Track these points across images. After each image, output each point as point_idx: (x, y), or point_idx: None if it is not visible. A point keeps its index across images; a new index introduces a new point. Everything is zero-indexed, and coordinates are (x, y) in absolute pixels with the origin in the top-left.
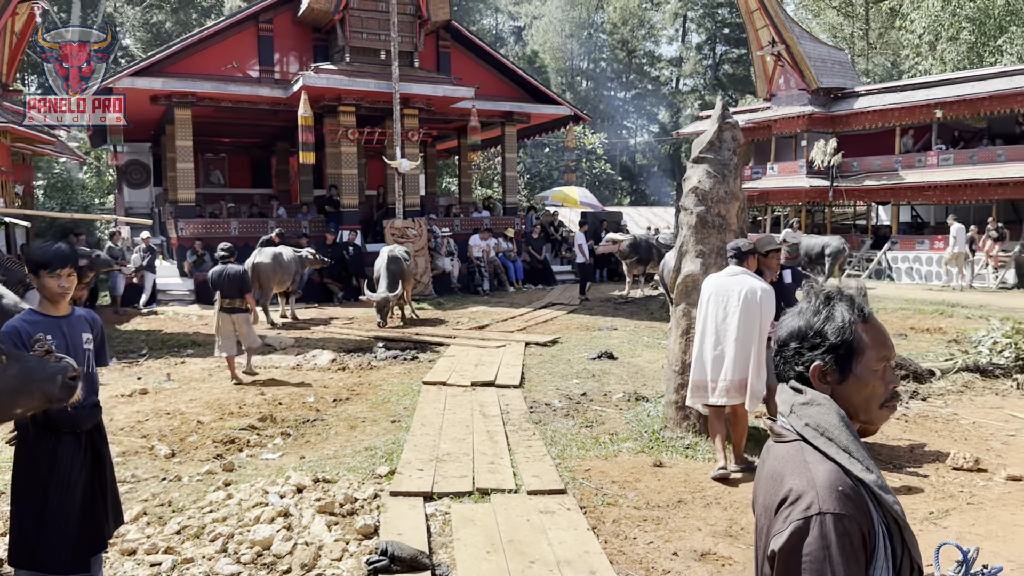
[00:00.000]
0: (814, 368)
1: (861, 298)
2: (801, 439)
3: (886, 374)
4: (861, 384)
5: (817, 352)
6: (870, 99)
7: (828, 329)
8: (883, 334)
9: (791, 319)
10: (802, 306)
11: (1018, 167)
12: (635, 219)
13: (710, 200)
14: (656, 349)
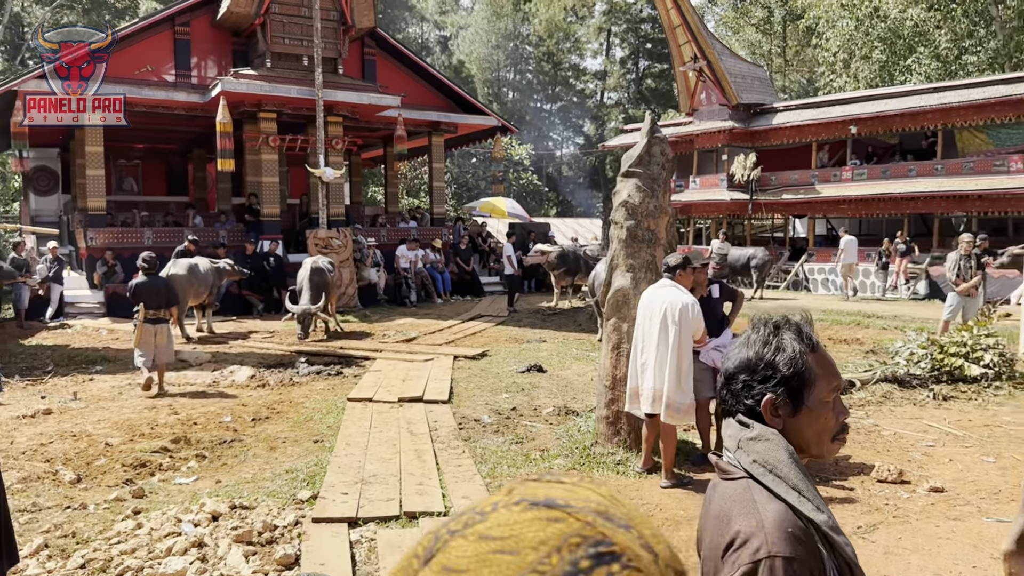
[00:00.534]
0: (766, 402)
1: (808, 326)
2: (749, 476)
3: (836, 405)
4: (813, 417)
5: (768, 385)
6: (788, 115)
7: (779, 360)
8: (832, 364)
9: (739, 350)
10: (749, 336)
11: (927, 182)
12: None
13: (640, 214)
14: (585, 361)
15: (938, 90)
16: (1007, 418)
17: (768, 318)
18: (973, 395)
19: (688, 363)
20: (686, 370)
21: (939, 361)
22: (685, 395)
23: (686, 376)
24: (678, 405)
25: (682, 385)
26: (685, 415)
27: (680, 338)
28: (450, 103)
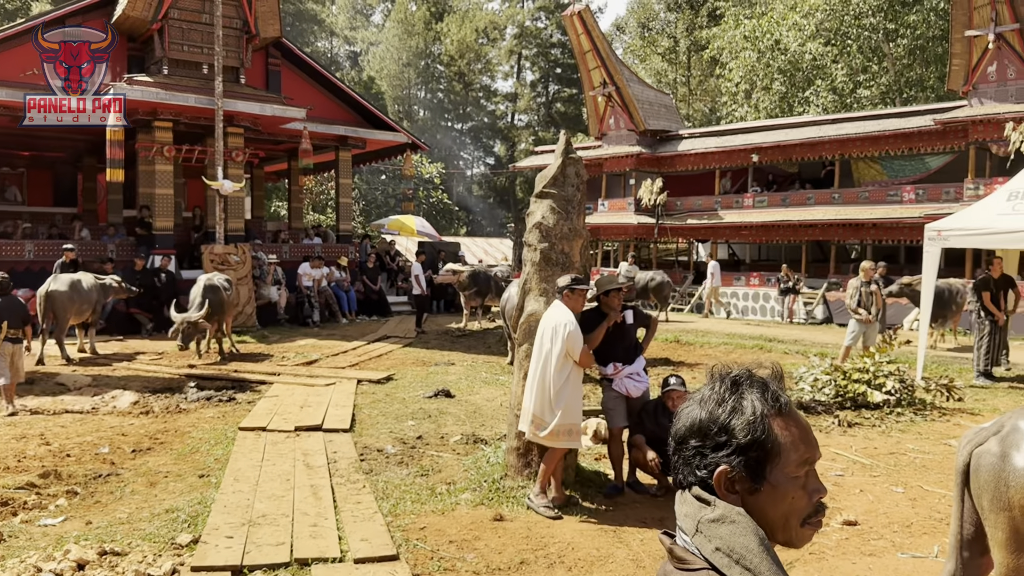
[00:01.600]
0: (719, 474)
1: (776, 383)
2: (711, 568)
3: (809, 481)
4: (778, 495)
5: (723, 454)
6: (693, 142)
7: (736, 424)
8: (805, 430)
9: (691, 409)
10: (704, 393)
11: (825, 210)
12: (472, 250)
13: (554, 236)
14: (494, 385)
15: (836, 121)
16: (911, 445)
17: (727, 371)
18: (877, 421)
19: (559, 382)
20: (556, 389)
21: (843, 387)
22: (555, 415)
23: (557, 395)
24: (550, 425)
25: (552, 405)
26: (559, 437)
27: (551, 357)
28: (359, 118)
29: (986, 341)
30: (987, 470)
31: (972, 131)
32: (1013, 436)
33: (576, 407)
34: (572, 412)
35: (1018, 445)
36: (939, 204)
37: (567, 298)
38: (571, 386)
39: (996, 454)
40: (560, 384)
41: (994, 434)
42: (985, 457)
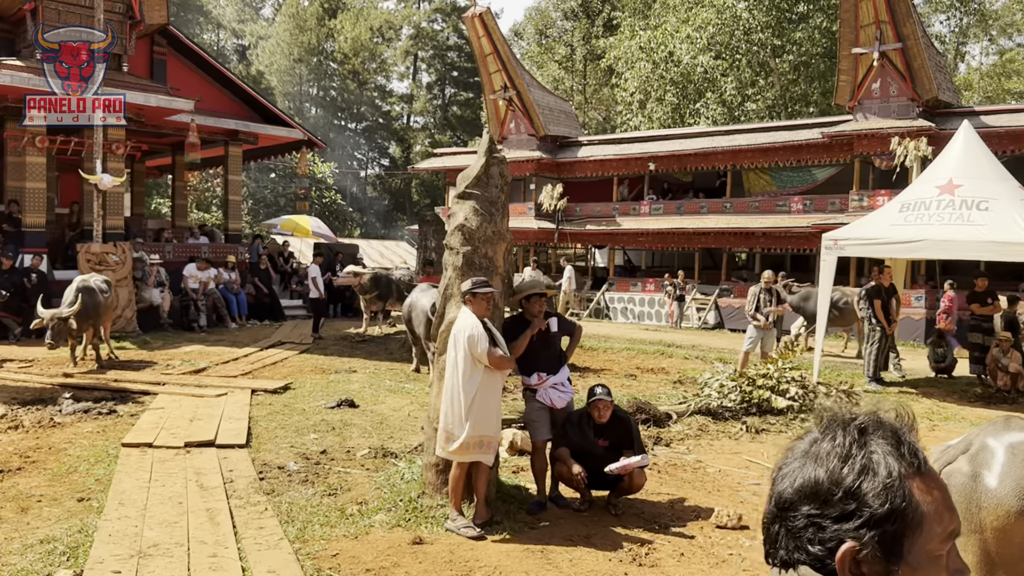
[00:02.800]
0: (845, 552)
1: (909, 432)
2: None
3: (951, 560)
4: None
5: (849, 526)
6: (592, 149)
7: (868, 488)
8: (945, 492)
9: (801, 465)
10: (819, 444)
11: (718, 219)
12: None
13: (477, 240)
14: (400, 394)
15: (729, 133)
16: None
17: (847, 417)
18: (782, 427)
19: (470, 391)
20: (466, 399)
21: (748, 393)
22: (464, 426)
23: (467, 405)
24: (455, 437)
25: (462, 416)
26: (469, 450)
27: (458, 364)
28: (251, 112)
29: (876, 347)
30: (957, 491)
31: (857, 145)
32: (983, 455)
33: (488, 417)
34: (484, 423)
35: (988, 464)
36: (825, 215)
37: (469, 303)
38: (483, 395)
39: (967, 474)
40: (471, 393)
41: (963, 452)
42: (955, 477)
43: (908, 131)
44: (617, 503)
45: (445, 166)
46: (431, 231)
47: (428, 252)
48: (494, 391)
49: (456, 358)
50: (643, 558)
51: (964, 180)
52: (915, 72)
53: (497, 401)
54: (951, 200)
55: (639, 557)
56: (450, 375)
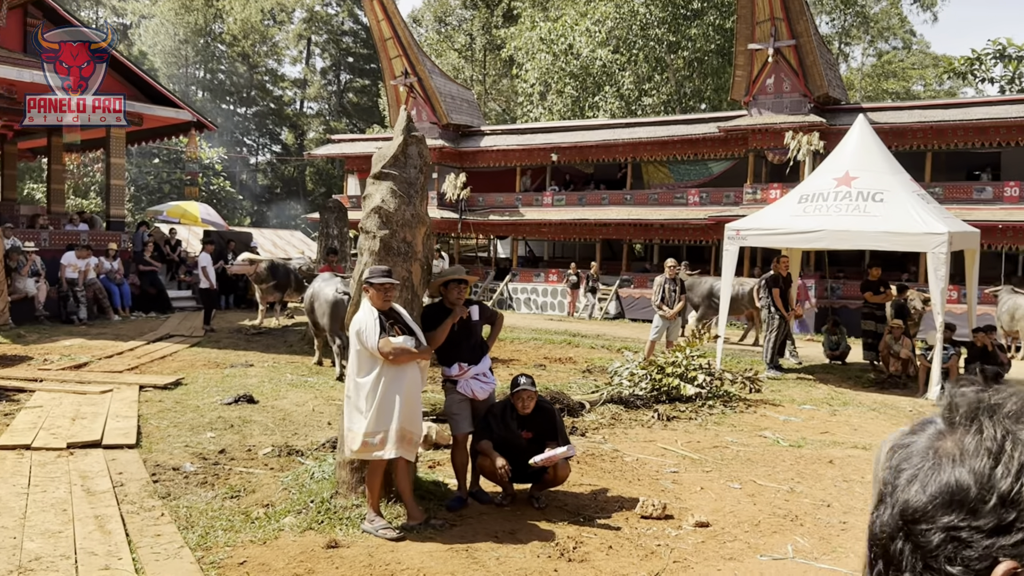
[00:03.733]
0: (1004, 574)
1: None
2: None
3: None
4: None
5: (1006, 541)
6: (495, 139)
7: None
8: None
9: (932, 465)
10: (957, 441)
11: (618, 210)
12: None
13: (395, 223)
14: (303, 388)
15: (629, 125)
16: (729, 438)
17: (991, 402)
18: (692, 414)
19: (367, 385)
20: (366, 393)
21: (658, 381)
22: (363, 422)
23: (368, 400)
24: (356, 434)
25: (363, 411)
26: (373, 447)
27: (355, 358)
28: (135, 91)
29: (775, 335)
30: None
31: (752, 139)
32: None
33: (392, 408)
34: (387, 415)
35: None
36: (721, 207)
37: (366, 292)
38: (388, 389)
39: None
40: (369, 387)
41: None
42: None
43: (800, 126)
44: (540, 496)
45: (343, 153)
46: (333, 218)
47: (331, 240)
48: (405, 384)
49: (355, 351)
50: (571, 552)
51: (860, 172)
52: (807, 69)
53: (413, 394)
54: (848, 192)
55: (567, 551)
56: (352, 370)
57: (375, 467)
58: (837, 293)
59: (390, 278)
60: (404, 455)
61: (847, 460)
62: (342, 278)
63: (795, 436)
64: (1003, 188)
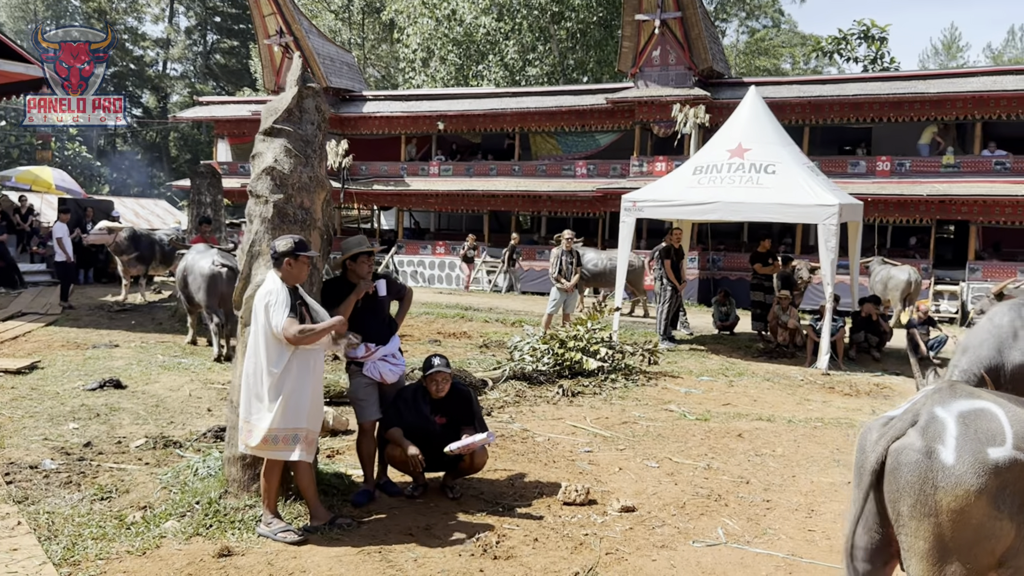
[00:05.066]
0: None
1: None
2: None
3: None
4: None
5: None
6: (378, 105)
7: None
8: None
9: None
10: None
11: (507, 181)
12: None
13: (291, 186)
14: (177, 371)
15: (516, 95)
16: (636, 412)
17: None
18: (596, 389)
19: (271, 371)
20: (272, 382)
21: (560, 356)
22: (269, 415)
23: (272, 389)
24: (255, 428)
25: (267, 402)
26: (277, 445)
27: (259, 340)
28: None
29: (667, 307)
30: (910, 470)
31: (638, 111)
32: (934, 427)
33: (302, 405)
34: (297, 412)
35: (942, 438)
36: (608, 179)
37: (288, 267)
38: (296, 377)
39: (920, 450)
40: (276, 375)
41: (911, 425)
42: (907, 454)
43: (686, 99)
44: (455, 485)
45: (213, 116)
46: (205, 185)
47: (203, 209)
48: (311, 372)
49: (257, 332)
50: (495, 548)
51: (752, 144)
52: (692, 42)
53: (316, 384)
54: (741, 163)
55: (491, 547)
56: (251, 353)
57: (273, 463)
58: (718, 264)
59: (309, 251)
60: (306, 458)
61: (755, 433)
62: (219, 250)
63: (700, 409)
64: (876, 163)
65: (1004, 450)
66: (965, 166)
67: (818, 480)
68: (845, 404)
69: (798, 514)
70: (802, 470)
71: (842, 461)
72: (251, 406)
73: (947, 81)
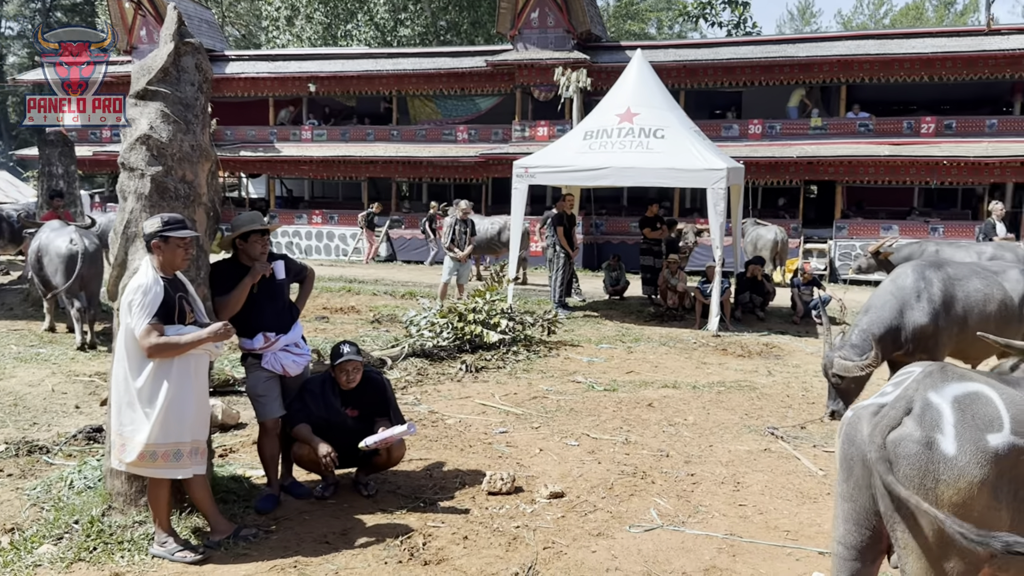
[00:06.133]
0: None
1: None
2: None
3: None
4: None
5: None
6: (242, 65)
7: None
8: None
9: None
10: None
11: (385, 147)
12: None
13: (170, 157)
14: (35, 363)
15: (393, 56)
16: (544, 386)
17: None
18: (499, 362)
19: (147, 375)
20: (142, 387)
21: (460, 330)
22: (145, 427)
23: (145, 396)
24: (129, 442)
25: (143, 410)
26: (156, 461)
27: (127, 339)
28: None
29: (560, 274)
30: (910, 463)
31: (518, 75)
32: (930, 415)
33: (184, 416)
34: (178, 424)
35: (940, 427)
36: (490, 144)
37: (157, 250)
38: (174, 383)
39: (919, 441)
40: (148, 382)
41: (906, 413)
42: (905, 446)
43: (566, 62)
44: (369, 482)
45: (57, 78)
46: (56, 155)
47: (54, 181)
48: (193, 376)
49: (123, 334)
50: (423, 550)
51: (641, 109)
52: (571, 4)
53: (201, 390)
54: (631, 128)
55: (418, 550)
56: (119, 356)
57: (160, 486)
58: (601, 229)
59: (190, 230)
60: (198, 471)
61: (664, 402)
62: (76, 227)
63: (606, 379)
64: (748, 126)
65: (1003, 436)
66: (831, 128)
67: (735, 448)
68: (741, 366)
69: (725, 487)
70: (717, 439)
71: (752, 427)
72: (122, 416)
73: (814, 45)
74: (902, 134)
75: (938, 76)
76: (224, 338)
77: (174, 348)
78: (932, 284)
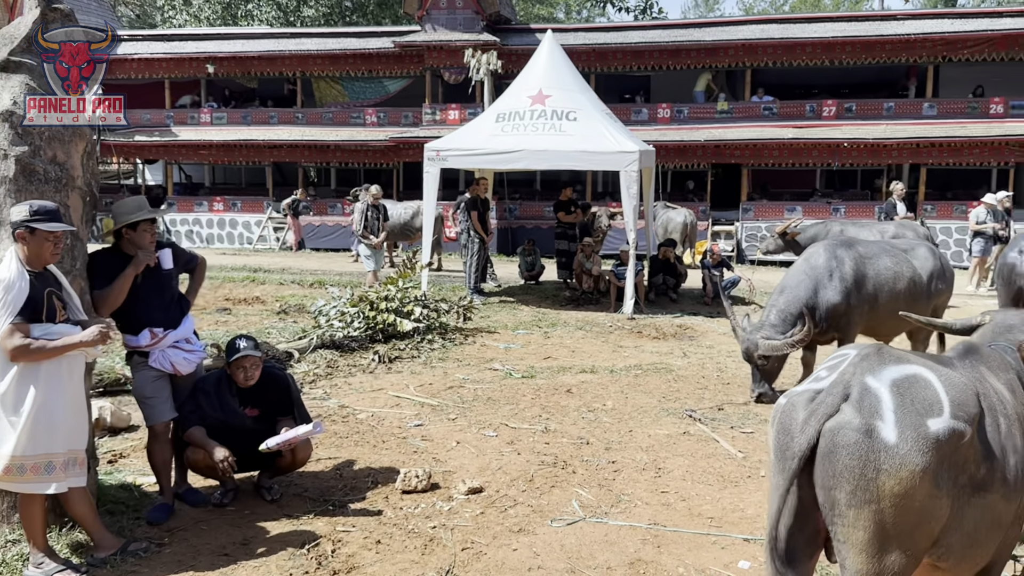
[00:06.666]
0: None
1: None
2: None
3: None
4: None
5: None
6: (135, 46)
7: None
8: None
9: None
10: None
11: (289, 130)
12: None
13: (38, 136)
14: None
15: (296, 35)
16: (460, 375)
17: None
18: (414, 352)
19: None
20: (7, 403)
21: (372, 319)
22: (10, 441)
23: (9, 411)
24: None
25: (4, 420)
26: (24, 475)
27: None
28: None
29: (475, 259)
30: (849, 452)
31: (428, 57)
32: (868, 401)
33: (55, 424)
34: (48, 434)
35: (879, 413)
36: (400, 128)
37: (22, 241)
38: (42, 388)
39: (858, 429)
40: (11, 384)
41: (844, 399)
42: (844, 434)
43: (476, 44)
44: (272, 485)
45: None
46: None
47: None
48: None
49: None
50: (331, 558)
51: (552, 91)
52: None
53: (76, 395)
54: (543, 110)
55: (326, 558)
56: None
57: (33, 502)
58: (515, 214)
59: (63, 222)
60: (75, 484)
61: (583, 387)
62: None
63: (523, 365)
64: (656, 110)
65: (943, 420)
66: (737, 112)
67: (654, 433)
68: (656, 348)
69: (646, 474)
70: (636, 423)
71: (670, 410)
72: None
73: (719, 29)
74: (805, 117)
75: (839, 60)
76: (102, 342)
77: (41, 352)
78: (844, 263)
